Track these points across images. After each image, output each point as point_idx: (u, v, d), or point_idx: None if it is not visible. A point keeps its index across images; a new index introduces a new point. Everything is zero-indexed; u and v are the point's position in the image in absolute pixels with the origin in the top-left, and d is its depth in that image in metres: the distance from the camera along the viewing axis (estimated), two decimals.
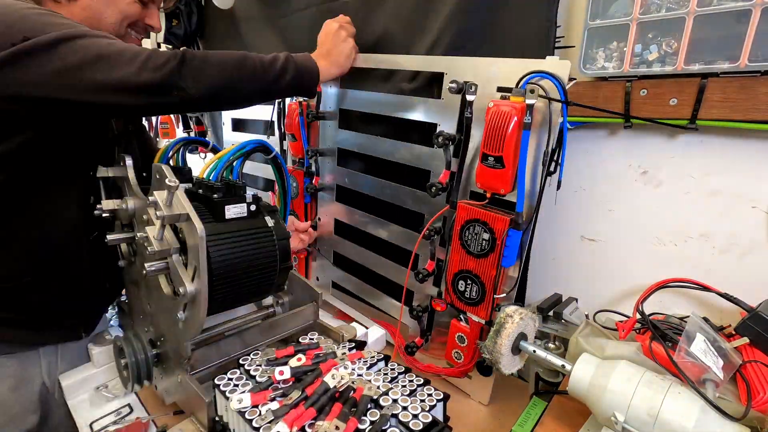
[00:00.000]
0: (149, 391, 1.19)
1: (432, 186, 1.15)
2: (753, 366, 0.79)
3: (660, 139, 1.04)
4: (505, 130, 0.97)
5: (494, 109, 0.99)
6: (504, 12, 1.15)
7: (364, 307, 1.57)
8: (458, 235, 1.12)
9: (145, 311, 1.11)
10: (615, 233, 1.16)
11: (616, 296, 1.19)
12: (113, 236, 1.03)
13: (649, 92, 0.98)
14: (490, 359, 0.93)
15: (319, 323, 1.21)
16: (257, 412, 0.81)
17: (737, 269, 0.99)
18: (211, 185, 1.01)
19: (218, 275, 0.92)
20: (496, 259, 1.06)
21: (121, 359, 1.09)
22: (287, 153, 1.75)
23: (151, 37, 2.13)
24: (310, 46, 1.69)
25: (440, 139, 1.11)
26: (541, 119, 0.99)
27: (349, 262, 1.60)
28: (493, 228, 1.04)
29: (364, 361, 0.98)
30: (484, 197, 1.08)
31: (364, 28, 1.47)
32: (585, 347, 0.90)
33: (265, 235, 1.04)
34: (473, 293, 1.12)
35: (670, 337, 0.84)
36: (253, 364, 0.98)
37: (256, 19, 1.90)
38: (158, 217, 0.85)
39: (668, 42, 0.93)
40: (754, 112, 0.87)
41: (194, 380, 0.96)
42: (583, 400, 0.83)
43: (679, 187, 1.04)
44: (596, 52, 1.03)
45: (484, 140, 1.01)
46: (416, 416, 0.81)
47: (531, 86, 0.96)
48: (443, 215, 1.19)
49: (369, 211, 1.48)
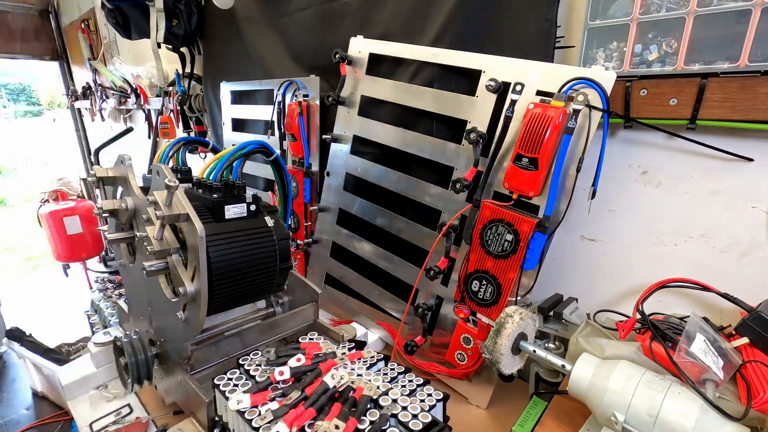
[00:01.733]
0: (149, 391, 1.19)
1: (457, 182, 1.15)
2: (753, 366, 0.79)
3: (660, 139, 1.04)
4: (544, 132, 0.97)
5: (536, 111, 0.99)
6: (504, 12, 1.15)
7: (360, 304, 1.56)
8: (479, 235, 1.11)
9: (145, 311, 1.11)
10: (615, 233, 1.16)
11: (616, 296, 1.18)
12: (113, 236, 1.03)
13: (649, 92, 0.98)
14: (490, 359, 0.93)
15: (319, 323, 1.21)
16: (257, 412, 0.81)
17: (737, 269, 0.99)
18: (211, 185, 1.01)
19: (218, 275, 0.92)
20: (517, 261, 1.06)
21: (121, 359, 1.09)
22: (287, 153, 1.75)
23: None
24: (309, 46, 1.70)
25: (472, 135, 1.10)
26: (580, 125, 0.99)
27: (351, 256, 1.58)
28: (518, 229, 1.04)
29: (364, 361, 0.98)
30: (510, 198, 1.07)
31: (365, 27, 1.47)
32: (585, 347, 0.90)
33: (265, 235, 1.04)
34: (487, 294, 1.12)
35: (670, 337, 0.84)
36: (252, 364, 0.97)
37: (256, 19, 1.90)
38: (158, 216, 0.85)
39: (668, 42, 0.93)
40: (755, 111, 0.87)
41: (194, 380, 0.96)
42: (583, 400, 0.83)
43: (679, 187, 1.04)
44: (596, 52, 1.03)
45: (520, 141, 1.01)
46: (416, 416, 0.81)
47: (572, 93, 0.96)
48: (462, 214, 1.18)
49: (380, 203, 1.46)
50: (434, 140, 1.28)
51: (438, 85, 1.28)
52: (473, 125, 1.16)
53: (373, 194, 1.47)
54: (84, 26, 3.62)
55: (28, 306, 2.64)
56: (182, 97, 2.41)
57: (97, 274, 2.93)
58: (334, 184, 1.60)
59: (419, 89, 1.31)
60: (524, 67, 1.07)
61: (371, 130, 1.45)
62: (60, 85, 4.66)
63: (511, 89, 1.07)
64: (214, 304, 0.92)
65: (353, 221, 1.56)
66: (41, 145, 12.17)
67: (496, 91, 1.09)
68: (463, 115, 1.20)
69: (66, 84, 4.57)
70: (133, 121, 3.49)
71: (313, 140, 1.66)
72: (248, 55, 1.98)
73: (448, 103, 1.23)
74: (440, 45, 1.26)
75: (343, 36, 1.48)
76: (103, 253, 3.07)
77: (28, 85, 14.80)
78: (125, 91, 3.13)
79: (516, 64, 1.09)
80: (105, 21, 2.58)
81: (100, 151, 3.03)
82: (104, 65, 3.48)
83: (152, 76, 2.77)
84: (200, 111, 2.44)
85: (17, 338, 2.16)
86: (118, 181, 1.09)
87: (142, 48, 2.73)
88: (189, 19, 2.13)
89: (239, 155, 1.07)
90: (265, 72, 1.90)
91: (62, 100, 4.90)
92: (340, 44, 1.48)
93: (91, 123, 4.27)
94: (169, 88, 2.60)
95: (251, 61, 1.98)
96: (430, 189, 1.30)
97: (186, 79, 2.38)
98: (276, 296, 1.25)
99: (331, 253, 1.65)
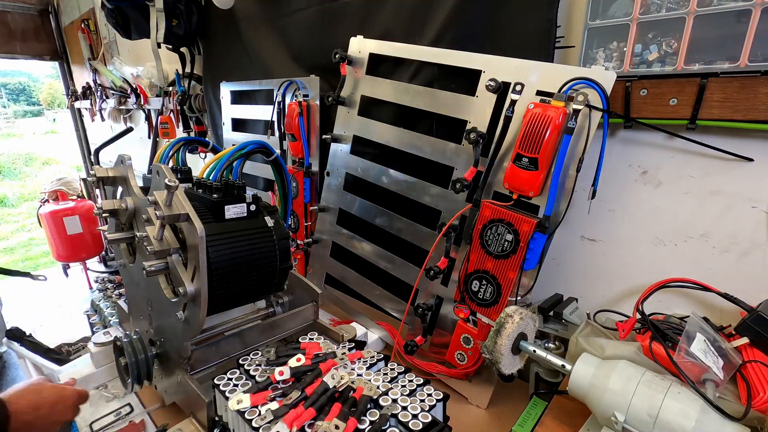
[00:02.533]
0: (149, 391, 1.19)
1: (457, 182, 1.15)
2: (753, 366, 0.79)
3: (660, 138, 1.04)
4: (544, 132, 0.97)
5: (536, 111, 0.99)
6: (504, 12, 1.15)
7: (360, 304, 1.56)
8: (479, 235, 1.11)
9: (144, 311, 1.11)
10: (615, 233, 1.16)
11: (616, 296, 1.18)
12: (113, 236, 1.03)
13: (649, 92, 0.98)
14: (490, 359, 0.93)
15: (319, 323, 1.21)
16: (257, 412, 0.81)
17: (737, 269, 0.99)
18: (211, 185, 1.01)
19: (218, 275, 0.92)
20: (517, 261, 1.06)
21: (121, 359, 1.09)
22: (287, 153, 1.75)
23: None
24: (309, 46, 1.70)
25: (472, 135, 1.10)
26: (580, 126, 0.99)
27: (351, 256, 1.58)
28: (518, 230, 1.04)
29: (364, 361, 0.98)
30: (510, 198, 1.07)
31: (365, 27, 1.47)
32: (585, 347, 0.90)
33: (264, 234, 1.04)
34: (487, 294, 1.12)
35: (670, 337, 0.84)
36: (252, 364, 0.97)
37: (256, 19, 1.90)
38: (158, 216, 0.85)
39: (668, 42, 0.93)
40: (755, 111, 0.87)
41: (194, 380, 0.96)
42: (583, 400, 0.83)
43: (679, 187, 1.04)
44: (596, 52, 1.03)
45: (520, 141, 1.01)
46: (416, 416, 0.81)
47: (572, 93, 0.96)
48: (462, 214, 1.18)
49: (379, 203, 1.46)
50: (434, 140, 1.28)
51: (438, 85, 1.28)
52: (473, 125, 1.16)
53: (373, 194, 1.47)
54: (84, 26, 3.62)
55: (28, 306, 2.64)
56: (182, 97, 2.41)
57: (97, 274, 2.93)
58: (334, 184, 1.60)
59: (419, 89, 1.31)
60: (524, 67, 1.07)
61: (371, 130, 1.45)
62: (60, 85, 4.67)
63: (511, 89, 1.07)
64: (214, 304, 0.92)
65: (353, 221, 1.55)
66: (41, 144, 12.16)
67: (496, 91, 1.09)
68: (463, 115, 1.20)
69: (66, 84, 4.58)
70: (134, 121, 3.49)
71: (313, 140, 1.66)
72: (248, 55, 1.98)
73: (448, 103, 1.23)
74: (440, 45, 1.26)
75: (343, 36, 1.48)
76: (103, 253, 3.07)
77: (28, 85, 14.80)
78: (125, 91, 3.13)
79: (516, 64, 1.09)
80: (105, 21, 2.58)
81: (100, 151, 3.03)
82: (104, 65, 3.48)
83: (152, 76, 2.77)
84: (200, 111, 2.44)
85: (17, 338, 2.15)
86: (118, 181, 1.09)
87: (142, 48, 2.73)
88: (189, 19, 2.13)
89: (239, 155, 1.07)
90: (265, 72, 1.90)
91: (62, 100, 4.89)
92: (340, 44, 1.48)
93: (92, 123, 4.27)
94: (169, 88, 2.60)
95: (251, 61, 1.98)
96: (430, 189, 1.30)
97: (186, 79, 2.38)
98: (276, 296, 1.25)
99: (331, 253, 1.65)
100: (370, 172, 1.47)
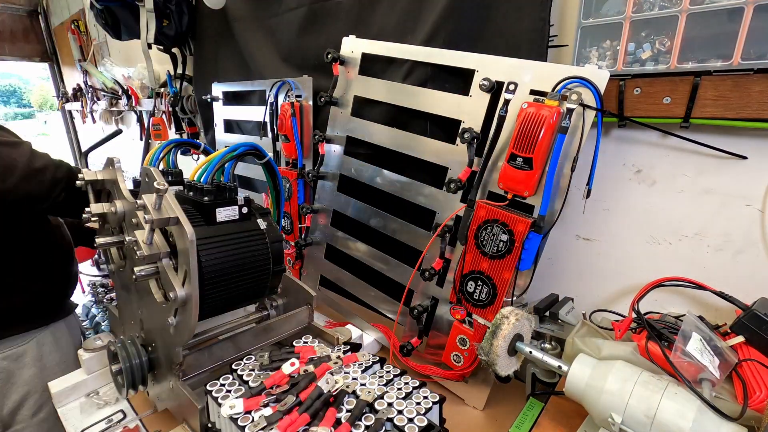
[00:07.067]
0: (141, 397, 1.17)
1: (451, 182, 1.14)
2: (749, 365, 0.78)
3: (654, 137, 1.04)
4: (538, 132, 0.96)
5: (530, 110, 0.98)
6: (497, 11, 1.14)
7: (356, 306, 1.55)
8: (474, 235, 1.10)
9: (135, 316, 1.09)
10: (610, 232, 1.16)
11: (611, 295, 1.18)
12: (102, 240, 1.01)
13: (642, 91, 0.98)
14: (486, 361, 0.93)
15: (314, 326, 1.20)
16: (250, 418, 0.80)
17: (732, 267, 0.99)
18: (202, 188, 0.99)
19: (209, 279, 0.91)
20: (512, 261, 1.05)
21: (115, 365, 1.07)
22: (280, 154, 1.74)
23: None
24: (301, 46, 1.69)
25: (466, 135, 1.09)
26: (574, 125, 0.99)
27: (346, 258, 1.57)
28: (513, 230, 1.03)
29: (359, 365, 0.97)
30: (504, 198, 1.07)
31: (358, 27, 1.46)
32: (581, 347, 0.90)
33: (257, 237, 1.02)
34: (483, 295, 1.12)
35: (666, 336, 0.84)
36: (246, 369, 0.96)
37: (247, 19, 1.88)
38: (147, 220, 0.83)
39: (661, 40, 0.93)
40: (747, 109, 0.87)
41: (186, 386, 0.94)
42: (580, 401, 0.82)
43: (674, 186, 1.04)
44: (589, 51, 1.03)
45: (514, 140, 1.00)
46: (412, 420, 0.80)
47: (565, 92, 0.96)
48: (456, 214, 1.18)
49: (374, 204, 1.45)
50: (428, 140, 1.27)
51: (431, 84, 1.27)
52: (467, 125, 1.15)
53: (367, 195, 1.46)
54: (74, 27, 3.58)
55: None
56: (174, 99, 2.39)
57: (90, 278, 2.90)
58: (328, 185, 1.59)
59: (412, 89, 1.30)
60: (518, 66, 1.06)
61: (364, 130, 1.44)
62: (51, 87, 4.62)
63: (505, 88, 1.06)
64: (206, 309, 0.90)
65: (348, 222, 1.54)
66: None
67: (489, 91, 1.08)
68: (456, 115, 1.19)
69: (56, 86, 4.52)
70: (125, 122, 3.45)
71: (307, 141, 1.65)
72: (240, 55, 1.96)
73: (441, 103, 1.23)
74: (433, 44, 1.25)
75: (336, 36, 1.47)
76: (96, 257, 3.04)
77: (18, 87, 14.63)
78: (116, 92, 3.10)
79: (509, 63, 1.08)
80: (94, 22, 2.55)
81: (89, 154, 3.00)
82: (95, 66, 3.44)
83: (143, 78, 2.74)
84: (192, 112, 2.41)
85: None
86: (107, 184, 1.08)
87: (133, 49, 2.70)
88: (180, 20, 2.11)
89: (230, 157, 1.05)
90: (257, 72, 1.88)
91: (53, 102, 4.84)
92: (333, 44, 1.46)
93: (83, 125, 4.23)
94: (160, 89, 2.57)
95: (243, 62, 1.96)
96: (425, 189, 1.29)
97: (178, 80, 2.36)
98: (270, 299, 1.23)
99: (325, 254, 1.64)
100: (364, 173, 1.46)
